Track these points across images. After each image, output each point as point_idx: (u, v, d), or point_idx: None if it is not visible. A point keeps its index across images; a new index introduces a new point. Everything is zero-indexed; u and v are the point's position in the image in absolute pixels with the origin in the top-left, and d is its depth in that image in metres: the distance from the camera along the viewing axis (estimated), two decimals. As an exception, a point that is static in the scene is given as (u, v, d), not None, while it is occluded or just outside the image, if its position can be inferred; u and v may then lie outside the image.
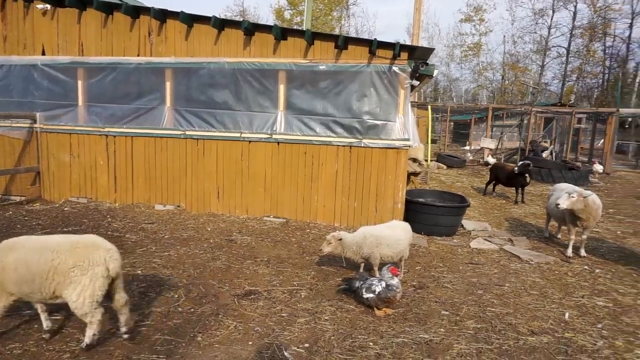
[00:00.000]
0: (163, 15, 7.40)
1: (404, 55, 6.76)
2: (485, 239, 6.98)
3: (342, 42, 6.77)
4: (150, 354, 3.37)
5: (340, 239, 4.79)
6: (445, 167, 15.80)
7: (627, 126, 24.09)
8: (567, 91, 41.55)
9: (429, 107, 17.34)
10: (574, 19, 38.52)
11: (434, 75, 6.90)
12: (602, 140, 18.66)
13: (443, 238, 6.98)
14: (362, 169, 7.09)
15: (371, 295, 4.16)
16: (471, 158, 18.65)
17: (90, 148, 8.04)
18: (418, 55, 6.78)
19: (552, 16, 40.07)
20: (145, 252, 5.67)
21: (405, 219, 7.27)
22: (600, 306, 4.67)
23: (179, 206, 7.83)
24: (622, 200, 11.57)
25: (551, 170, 13.87)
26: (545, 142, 20.75)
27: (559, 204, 6.07)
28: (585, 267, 5.97)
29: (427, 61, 6.75)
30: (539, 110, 18.86)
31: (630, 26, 36.59)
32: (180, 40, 7.49)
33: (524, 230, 7.86)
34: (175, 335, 3.67)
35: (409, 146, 6.90)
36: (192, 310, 4.17)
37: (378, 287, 4.14)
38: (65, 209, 7.66)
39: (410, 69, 6.74)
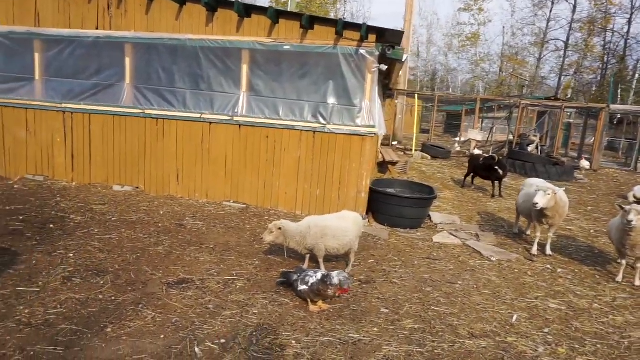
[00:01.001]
0: (123, -14, 7.02)
1: (372, 37, 6.42)
2: (451, 233, 6.73)
3: (307, 22, 6.41)
4: (47, 346, 3.11)
5: (280, 228, 4.51)
6: (429, 157, 15.51)
7: (616, 122, 23.80)
8: (565, 86, 41.15)
9: (416, 95, 17.03)
10: (573, 11, 37.98)
11: (402, 60, 6.57)
12: (594, 137, 18.39)
13: (407, 231, 6.72)
14: (326, 155, 6.80)
15: (304, 287, 3.90)
16: (458, 149, 18.38)
17: (47, 124, 7.70)
18: (389, 39, 6.44)
19: (552, 8, 39.50)
20: (85, 235, 5.38)
21: (370, 209, 7.02)
22: (553, 309, 4.44)
23: (137, 188, 7.53)
24: (603, 198, 11.34)
25: (535, 164, 13.60)
26: (534, 135, 20.47)
27: (536, 204, 5.70)
28: (548, 266, 5.74)
29: (397, 45, 6.41)
30: (528, 103, 18.52)
31: (629, 22, 36.10)
32: (141, 15, 7.10)
33: (494, 225, 7.61)
34: (84, 326, 3.41)
35: (374, 133, 6.60)
36: (113, 298, 3.90)
37: (312, 279, 3.87)
38: (16, 187, 7.35)
39: (378, 53, 6.41)
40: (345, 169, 6.77)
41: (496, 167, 9.67)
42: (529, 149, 14.63)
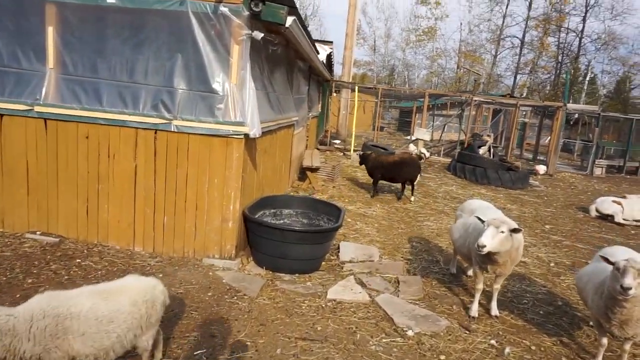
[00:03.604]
0: None
1: (238, -12, 4.21)
2: (360, 280, 4.64)
3: (134, -42, 4.12)
4: None
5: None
6: (369, 159, 13.50)
7: (572, 123, 22.78)
8: (520, 85, 40.56)
9: (356, 88, 15.02)
10: (529, 8, 37.23)
11: (285, 25, 4.38)
12: (549, 138, 17.03)
13: (294, 278, 4.58)
14: (175, 166, 4.54)
15: None
16: (414, 150, 16.28)
17: None
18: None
19: (508, 4, 38.66)
20: None
21: (249, 244, 4.85)
22: None
23: None
24: (562, 211, 9.66)
25: (487, 169, 11.87)
26: (488, 136, 18.96)
27: (483, 246, 3.64)
28: (493, 341, 3.74)
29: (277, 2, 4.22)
30: (481, 99, 16.91)
31: (584, 20, 35.74)
32: None
33: (426, 259, 5.60)
34: None
35: (246, 134, 4.39)
36: None
37: None
38: None
39: (248, 12, 4.20)
40: (203, 187, 4.54)
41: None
42: (481, 151, 12.91)
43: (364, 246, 5.79)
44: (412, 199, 8.81)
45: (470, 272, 5.13)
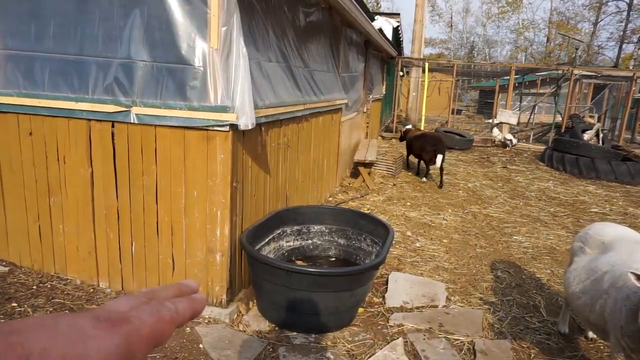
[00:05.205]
0: None
1: None
2: (411, 349, 2.99)
3: None
4: None
5: None
6: (442, 149, 11.47)
7: None
8: (625, 57, 34.97)
9: (426, 64, 12.95)
10: (640, -34, 31.60)
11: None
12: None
13: (312, 339, 3.03)
14: (140, 172, 3.17)
15: None
16: (498, 136, 13.69)
17: None
18: None
19: (613, -37, 33.19)
20: None
21: (252, 283, 3.41)
22: None
23: None
24: None
25: (595, 160, 9.36)
26: (591, 116, 15.85)
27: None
28: None
29: None
30: (584, 72, 13.91)
31: None
32: None
33: (518, 303, 3.78)
34: None
35: (235, 125, 2.88)
36: None
37: None
38: None
39: None
40: (178, 203, 3.13)
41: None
42: (586, 136, 10.33)
43: (425, 280, 4.08)
44: (423, 179, 8.04)
45: (591, 334, 3.25)
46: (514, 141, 12.71)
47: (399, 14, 14.50)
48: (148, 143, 3.09)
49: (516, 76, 14.92)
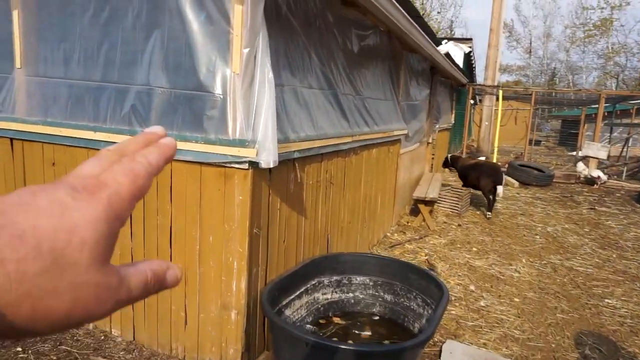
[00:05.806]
0: None
1: None
2: None
3: None
4: None
5: None
6: (516, 183, 10.36)
7: None
8: None
9: (500, 92, 11.98)
10: None
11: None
12: None
13: None
14: (155, 212, 2.83)
15: None
16: (583, 171, 12.21)
17: None
18: None
19: None
20: None
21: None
22: None
23: None
24: None
25: None
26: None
27: None
28: None
29: None
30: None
31: None
32: None
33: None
34: None
35: (255, 164, 2.44)
36: None
37: None
38: None
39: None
40: (192, 248, 2.73)
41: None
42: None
43: (489, 355, 3.32)
44: (488, 214, 7.33)
45: None
46: (604, 178, 11.23)
47: (471, 39, 13.71)
48: (163, 179, 2.74)
49: (606, 104, 13.39)
